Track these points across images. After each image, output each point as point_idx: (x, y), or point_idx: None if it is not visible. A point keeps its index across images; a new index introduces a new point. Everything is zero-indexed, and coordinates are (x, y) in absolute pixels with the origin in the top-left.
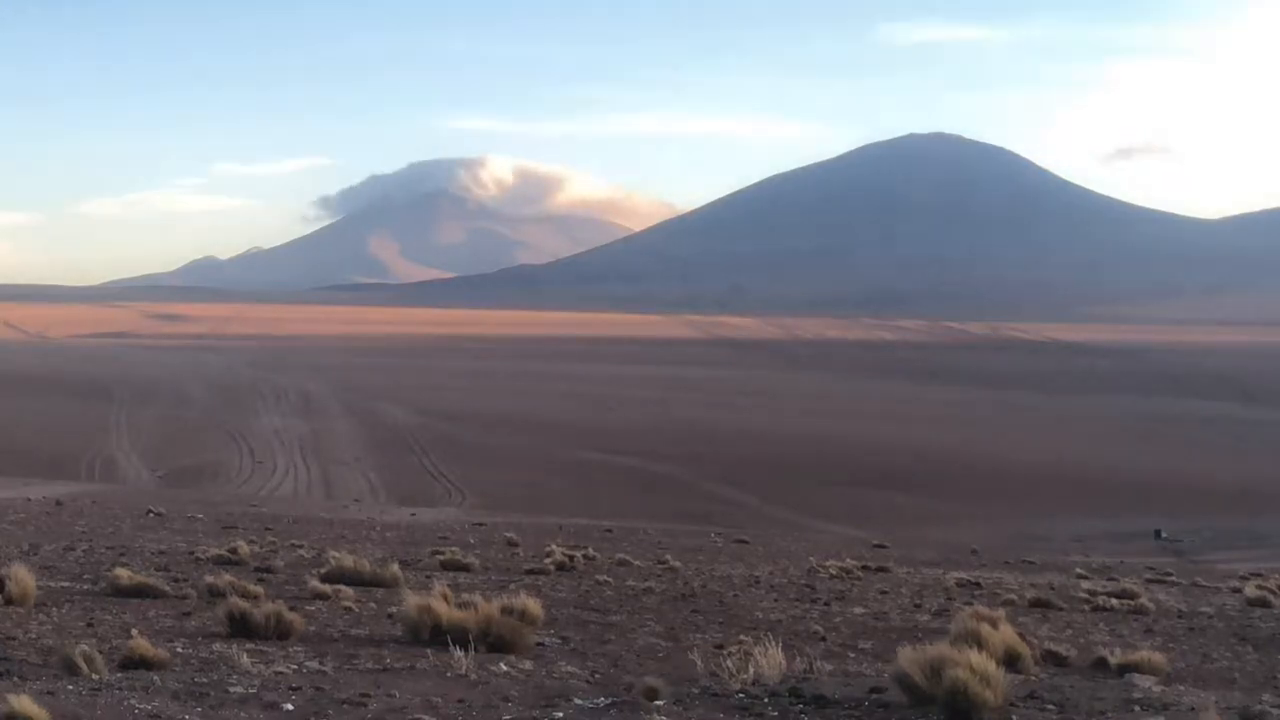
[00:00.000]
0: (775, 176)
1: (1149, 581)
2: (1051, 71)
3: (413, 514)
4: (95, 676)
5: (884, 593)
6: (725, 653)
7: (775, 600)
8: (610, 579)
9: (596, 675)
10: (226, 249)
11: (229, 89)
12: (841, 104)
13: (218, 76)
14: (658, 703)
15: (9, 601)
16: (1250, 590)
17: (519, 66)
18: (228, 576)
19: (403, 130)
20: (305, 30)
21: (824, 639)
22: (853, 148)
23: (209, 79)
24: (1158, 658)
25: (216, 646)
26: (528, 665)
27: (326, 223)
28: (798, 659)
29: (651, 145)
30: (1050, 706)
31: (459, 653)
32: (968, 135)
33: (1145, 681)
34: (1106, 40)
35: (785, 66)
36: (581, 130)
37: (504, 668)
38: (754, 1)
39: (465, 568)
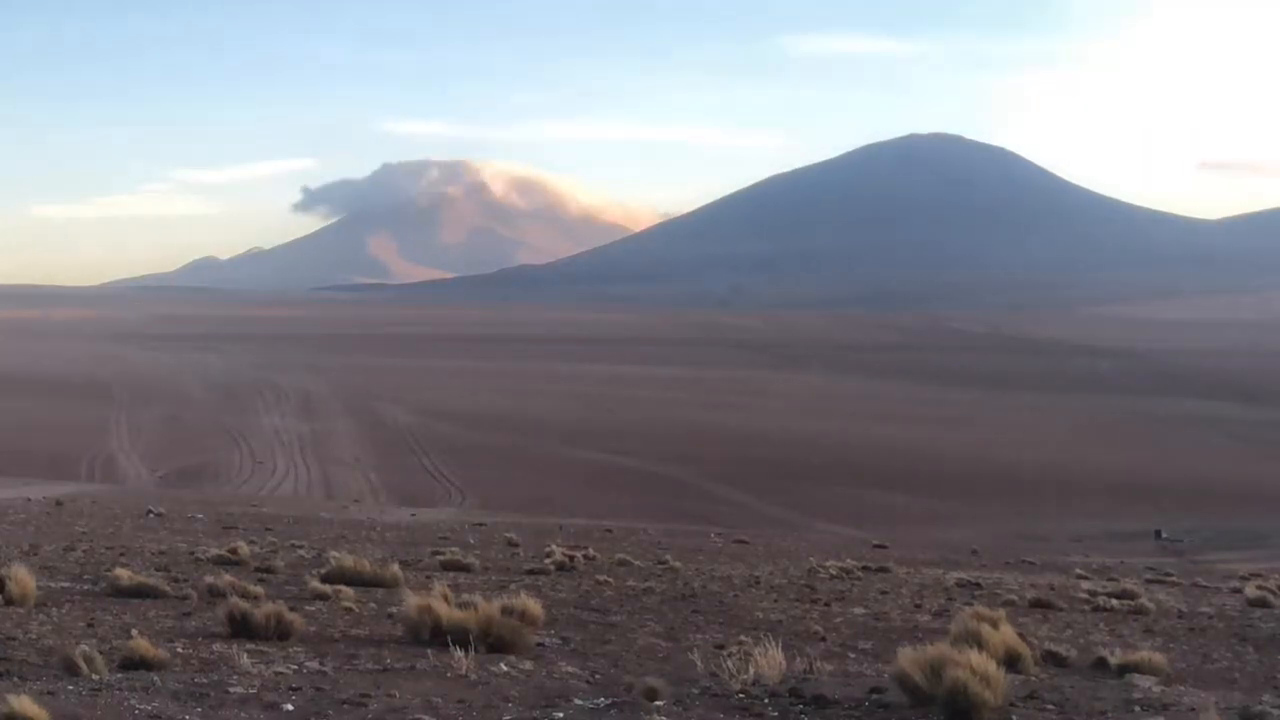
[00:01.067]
0: (775, 177)
1: (1149, 582)
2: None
3: (413, 514)
4: (95, 677)
5: (884, 593)
6: (725, 653)
7: (775, 600)
8: (610, 579)
9: (596, 675)
10: (226, 249)
11: (188, 93)
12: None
13: (176, 80)
14: (658, 703)
15: (9, 602)
16: (1250, 590)
17: (486, 73)
18: (228, 577)
19: (361, 136)
20: (266, 37)
21: (824, 639)
22: (849, 149)
23: (168, 82)
24: (1158, 658)
25: (216, 647)
26: (528, 665)
27: (326, 223)
28: (798, 659)
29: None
30: (1050, 707)
31: (459, 653)
32: (968, 135)
33: (1145, 682)
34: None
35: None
36: (557, 136)
37: (504, 668)
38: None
39: (465, 568)
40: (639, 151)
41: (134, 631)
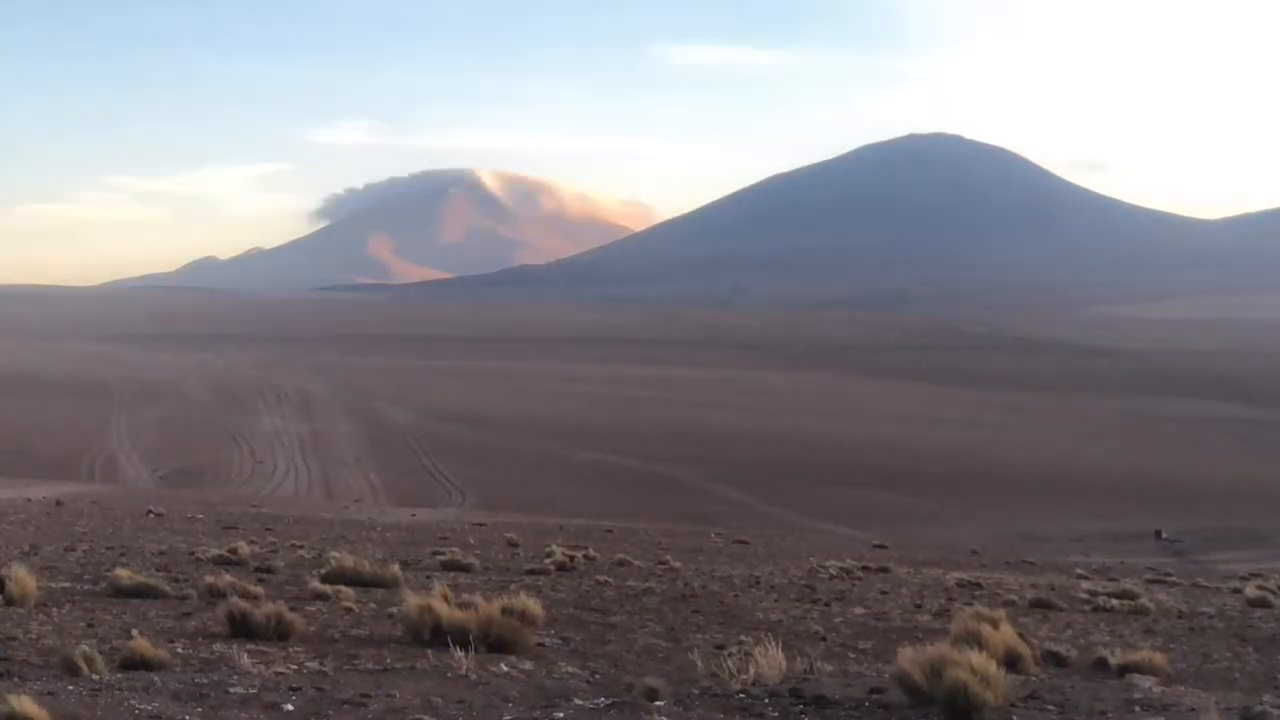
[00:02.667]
0: (776, 176)
1: (1149, 582)
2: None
3: (413, 514)
4: (95, 677)
5: (884, 593)
6: (725, 653)
7: (775, 600)
8: (610, 579)
9: (597, 675)
10: (226, 249)
11: (129, 97)
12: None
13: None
14: (658, 703)
15: (9, 602)
16: (1250, 590)
17: (486, 77)
18: (228, 577)
19: (363, 141)
20: (262, 39)
21: (824, 639)
22: (852, 148)
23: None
24: (1158, 658)
25: (217, 647)
26: (528, 665)
27: (326, 224)
28: (798, 659)
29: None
30: (1050, 707)
31: (459, 653)
32: (968, 135)
33: (1145, 682)
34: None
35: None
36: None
37: (504, 668)
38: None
39: (465, 568)
40: (640, 154)
41: (134, 631)
